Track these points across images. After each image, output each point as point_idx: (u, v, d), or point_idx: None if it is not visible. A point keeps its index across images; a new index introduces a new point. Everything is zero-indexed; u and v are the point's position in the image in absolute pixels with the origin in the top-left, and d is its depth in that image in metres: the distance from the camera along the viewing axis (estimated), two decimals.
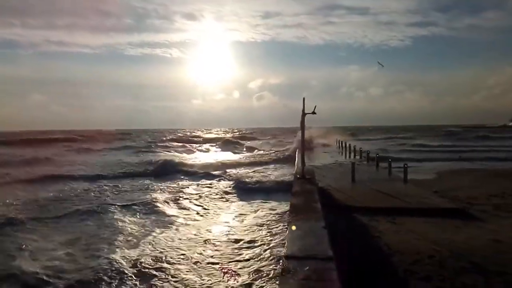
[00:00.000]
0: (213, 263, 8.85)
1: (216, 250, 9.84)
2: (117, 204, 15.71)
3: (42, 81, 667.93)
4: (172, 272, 8.36)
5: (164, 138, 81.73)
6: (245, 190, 18.62)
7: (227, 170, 26.01)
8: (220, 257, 9.23)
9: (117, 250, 9.81)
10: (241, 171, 25.78)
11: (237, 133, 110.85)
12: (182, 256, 9.37)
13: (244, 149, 50.01)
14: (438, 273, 5.78)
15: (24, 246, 10.34)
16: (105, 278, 8.07)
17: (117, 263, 8.80)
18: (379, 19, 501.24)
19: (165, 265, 8.79)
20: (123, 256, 9.31)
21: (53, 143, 65.59)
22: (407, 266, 6.08)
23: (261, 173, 24.00)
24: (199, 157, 38.14)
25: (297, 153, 22.32)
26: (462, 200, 11.45)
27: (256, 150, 44.41)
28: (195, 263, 8.92)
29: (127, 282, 7.92)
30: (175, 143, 65.19)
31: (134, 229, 11.92)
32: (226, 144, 61.35)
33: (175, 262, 9.00)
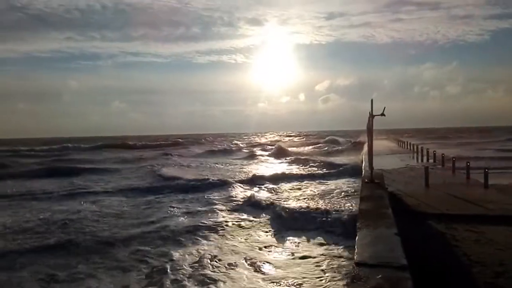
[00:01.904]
0: None
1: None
2: None
3: (121, 89, 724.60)
4: None
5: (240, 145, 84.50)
6: None
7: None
8: None
9: None
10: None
11: (310, 139, 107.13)
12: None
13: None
14: None
15: None
16: None
17: None
18: (452, 13, 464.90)
19: None
20: None
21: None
22: (489, 279, 5.66)
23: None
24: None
25: (364, 157, 21.69)
26: None
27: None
28: None
29: None
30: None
31: None
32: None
33: None
